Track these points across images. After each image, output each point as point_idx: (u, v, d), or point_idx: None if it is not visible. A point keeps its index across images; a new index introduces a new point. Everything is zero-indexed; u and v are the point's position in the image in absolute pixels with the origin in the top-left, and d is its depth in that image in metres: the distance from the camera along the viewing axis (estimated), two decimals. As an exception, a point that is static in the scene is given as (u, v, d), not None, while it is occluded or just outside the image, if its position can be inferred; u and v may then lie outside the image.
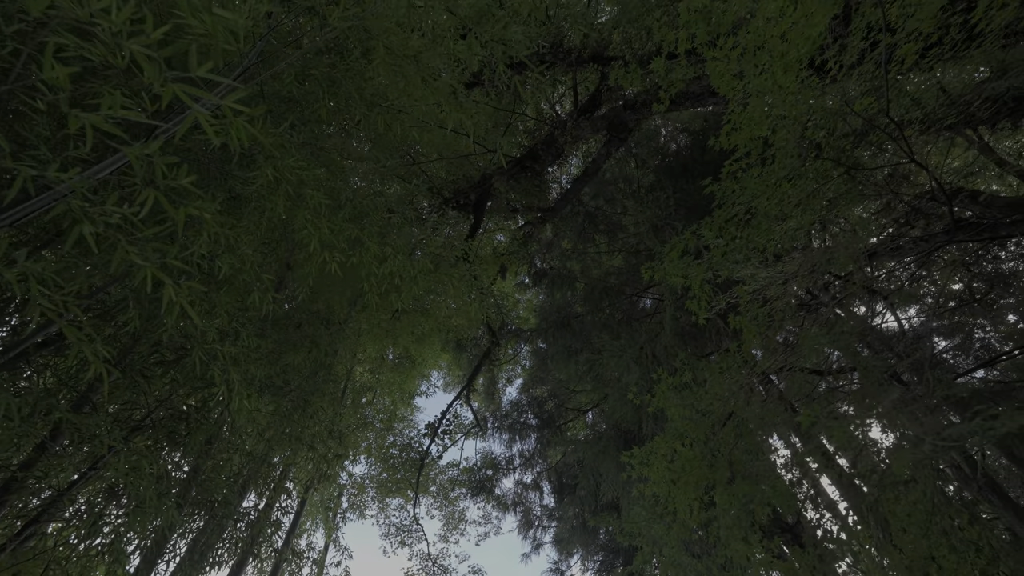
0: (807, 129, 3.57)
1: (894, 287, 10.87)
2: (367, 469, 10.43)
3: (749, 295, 4.14)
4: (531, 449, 11.33)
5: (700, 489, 3.60)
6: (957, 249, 9.60)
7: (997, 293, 8.95)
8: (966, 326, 9.31)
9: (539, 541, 11.18)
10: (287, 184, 2.74)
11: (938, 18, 3.25)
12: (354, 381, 11.46)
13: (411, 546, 9.78)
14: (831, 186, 3.89)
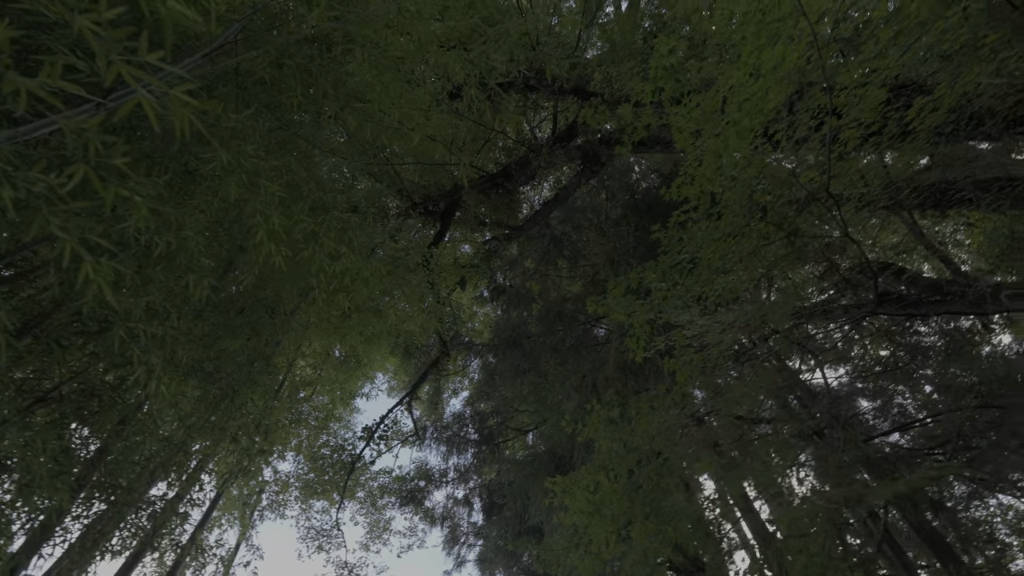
0: (755, 192, 3.81)
1: (827, 346, 11.57)
2: (294, 467, 10.04)
3: (686, 340, 4.32)
4: (467, 464, 11.24)
5: (618, 523, 3.69)
6: (886, 319, 10.33)
7: (917, 364, 9.66)
8: (887, 391, 9.98)
9: (463, 559, 11.03)
10: (242, 171, 2.68)
11: (879, 111, 3.57)
12: (294, 375, 11.08)
13: (328, 551, 9.44)
14: (772, 248, 4.14)
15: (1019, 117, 4.12)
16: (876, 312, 6.23)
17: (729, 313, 3.92)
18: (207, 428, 5.70)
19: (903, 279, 5.95)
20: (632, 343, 3.66)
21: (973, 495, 8.59)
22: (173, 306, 3.31)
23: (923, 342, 9.81)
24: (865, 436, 7.97)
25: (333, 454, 9.95)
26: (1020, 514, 8.44)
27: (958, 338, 9.52)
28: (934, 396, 9.70)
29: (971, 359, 8.76)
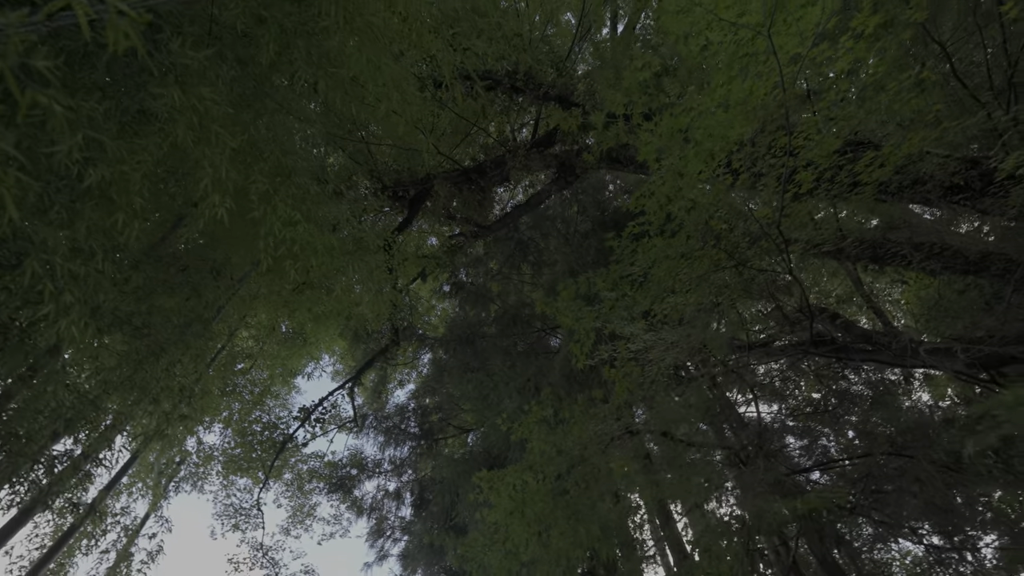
0: (711, 219, 3.94)
1: (766, 382, 12.06)
2: (221, 440, 9.58)
3: (630, 353, 4.40)
4: (403, 457, 11.05)
5: (539, 525, 3.70)
6: (821, 363, 10.89)
7: (843, 409, 10.20)
8: (814, 432, 10.47)
9: (386, 553, 10.81)
10: (195, 113, 2.54)
11: (832, 158, 3.76)
12: (234, 345, 10.62)
13: (245, 531, 9.02)
14: (722, 275, 4.28)
15: (955, 186, 4.44)
16: (811, 353, 6.55)
17: (673, 332, 4.03)
18: (127, 386, 5.35)
19: (838, 324, 6.29)
20: (576, 348, 3.70)
21: (878, 538, 9.12)
22: (101, 247, 3.10)
23: (852, 389, 10.35)
24: (788, 470, 8.36)
25: (264, 431, 9.57)
26: (916, 559, 9.01)
27: (883, 389, 10.08)
28: (855, 441, 10.25)
29: (892, 410, 9.31)
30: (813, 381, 10.80)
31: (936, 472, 5.78)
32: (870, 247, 6.01)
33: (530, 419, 3.97)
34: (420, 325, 12.39)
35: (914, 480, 6.12)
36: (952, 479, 6.28)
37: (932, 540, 8.41)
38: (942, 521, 7.69)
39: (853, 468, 8.93)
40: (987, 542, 7.78)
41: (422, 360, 13.37)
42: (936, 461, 6.54)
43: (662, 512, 6.88)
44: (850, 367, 9.63)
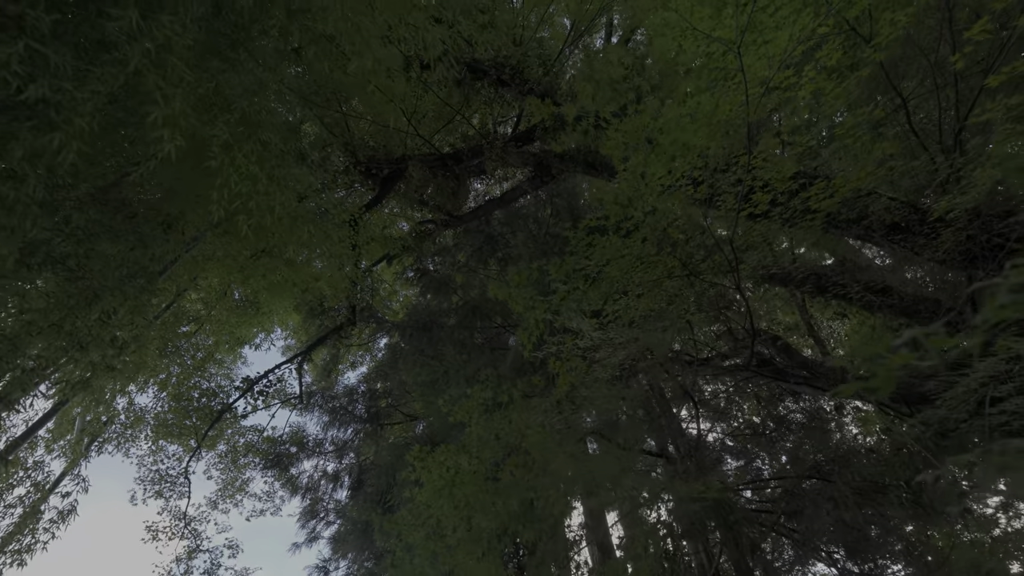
0: (669, 227, 4.05)
1: (711, 401, 12.43)
2: (154, 403, 9.14)
3: (579, 350, 4.47)
4: (346, 439, 10.84)
5: (467, 509, 3.70)
6: (764, 387, 11.32)
7: (780, 435, 10.63)
8: (751, 454, 10.86)
9: (317, 534, 10.57)
10: (151, 40, 2.43)
11: (788, 184, 3.93)
12: (182, 306, 10.18)
13: (168, 499, 8.63)
14: (673, 284, 4.40)
15: (896, 225, 4.72)
16: (754, 372, 6.80)
17: (622, 333, 4.11)
18: (53, 330, 5.04)
19: (779, 346, 6.56)
20: (524, 336, 3.74)
21: (796, 560, 9.57)
22: (34, 171, 2.91)
23: (789, 416, 10.79)
24: (721, 485, 8.66)
25: (202, 398, 9.20)
26: (832, 581, 9.46)
27: (817, 418, 10.54)
28: (788, 466, 10.69)
29: (822, 437, 9.76)
30: (755, 405, 11.22)
31: (851, 496, 6.11)
32: (815, 276, 6.31)
33: (470, 403, 3.98)
34: (380, 309, 12.20)
35: (830, 500, 6.44)
36: (866, 503, 6.66)
37: (846, 565, 8.89)
38: (855, 548, 8.13)
39: (779, 488, 9.33)
40: (895, 571, 8.28)
41: (378, 344, 13.16)
42: (853, 486, 6.92)
43: (593, 514, 7.01)
44: (789, 394, 10.06)
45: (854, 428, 10.43)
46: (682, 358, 7.88)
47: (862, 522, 6.34)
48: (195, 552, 8.67)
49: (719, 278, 4.69)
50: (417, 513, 4.08)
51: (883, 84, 4.71)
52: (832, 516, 6.56)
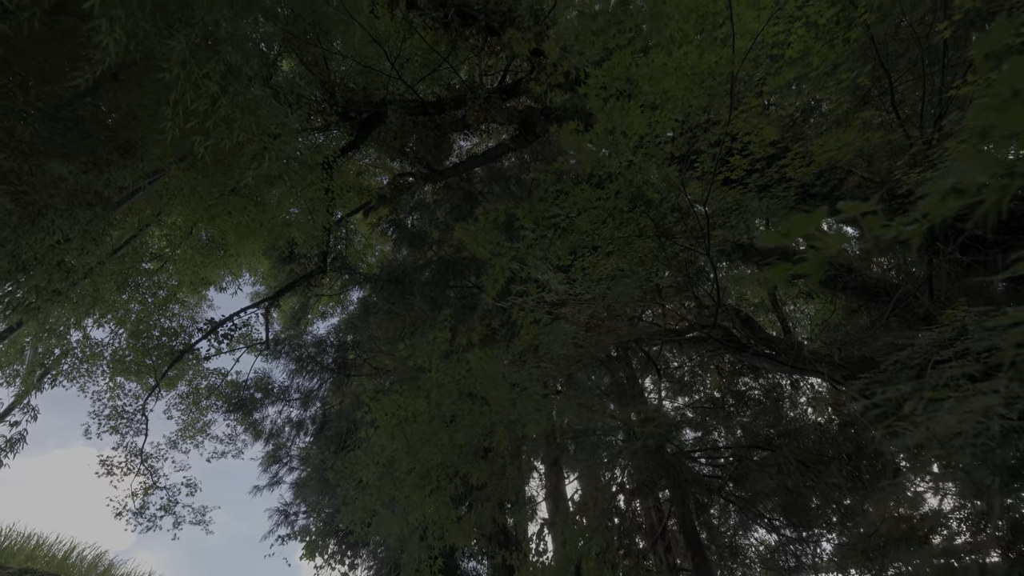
0: (644, 184, 3.99)
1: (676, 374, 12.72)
2: (111, 339, 8.86)
3: (547, 307, 4.44)
4: (313, 388, 10.79)
5: (418, 443, 3.72)
6: (727, 363, 11.63)
7: (737, 410, 11.00)
8: (709, 426, 11.23)
9: (279, 479, 10.63)
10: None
11: (767, 150, 3.89)
12: (143, 241, 9.77)
13: (124, 435, 8.50)
14: (644, 244, 4.37)
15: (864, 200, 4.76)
16: (719, 343, 6.93)
17: (590, 288, 4.10)
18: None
19: (742, 319, 6.68)
20: (489, 282, 3.68)
21: (741, 524, 10.10)
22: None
23: (748, 392, 11.14)
24: (676, 449, 8.99)
25: (162, 336, 8.97)
26: (770, 547, 10.04)
27: (775, 395, 10.91)
28: (742, 440, 11.12)
29: (777, 413, 10.14)
30: (716, 380, 11.56)
31: (795, 463, 6.38)
32: (782, 253, 6.40)
33: (430, 346, 3.93)
34: (355, 262, 11.97)
35: (775, 466, 6.73)
36: (809, 473, 7.00)
37: (784, 531, 9.43)
38: (795, 515, 8.59)
39: (730, 458, 9.73)
40: (829, 538, 8.82)
41: (351, 298, 12.99)
42: (798, 456, 7.25)
43: (553, 470, 7.22)
44: (749, 369, 10.37)
45: (808, 407, 10.86)
46: (650, 328, 7.99)
47: (803, 488, 6.66)
48: (151, 489, 8.63)
49: (690, 243, 4.69)
50: (371, 453, 4.10)
51: (872, 57, 4.65)
52: (776, 481, 6.87)
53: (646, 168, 3.59)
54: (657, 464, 7.06)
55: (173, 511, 8.80)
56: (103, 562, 12.41)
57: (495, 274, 3.63)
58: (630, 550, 6.96)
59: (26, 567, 10.89)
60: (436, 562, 4.23)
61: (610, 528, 6.19)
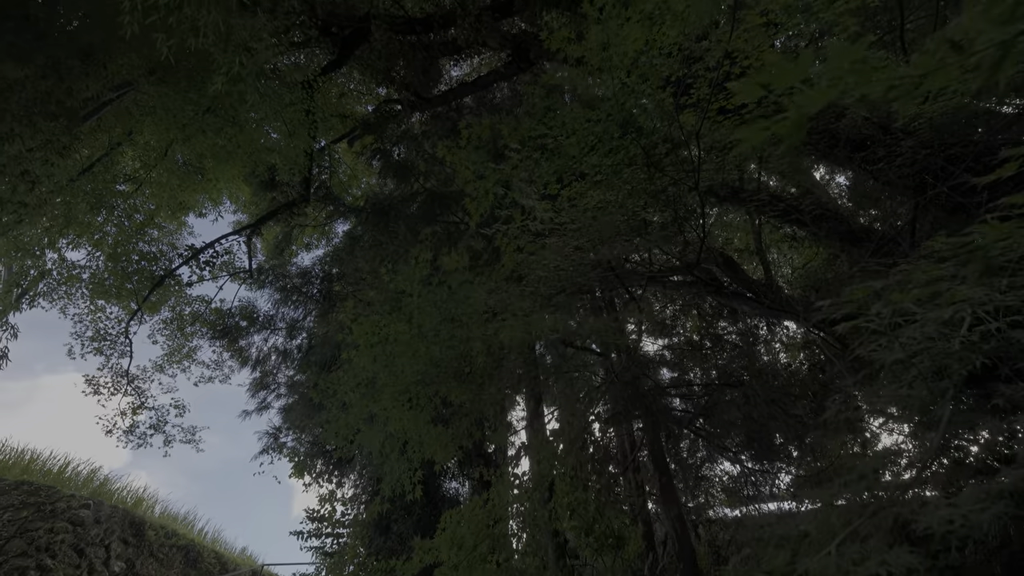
0: (637, 110, 3.84)
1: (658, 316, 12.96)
2: (89, 261, 8.67)
3: (531, 234, 4.40)
4: (297, 317, 10.84)
5: (398, 356, 3.78)
6: (708, 307, 11.86)
7: (715, 352, 11.35)
8: (685, 367, 11.61)
9: (267, 404, 10.91)
10: None
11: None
12: (116, 161, 9.34)
13: (109, 357, 8.55)
14: (633, 174, 4.28)
15: (861, 142, 4.69)
16: (700, 282, 7.01)
17: (573, 215, 4.05)
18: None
19: (725, 260, 6.74)
20: (472, 205, 3.61)
21: (707, 459, 10.75)
22: None
23: (725, 336, 11.46)
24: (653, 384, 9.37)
25: (142, 261, 8.81)
26: (734, 477, 10.74)
27: (751, 339, 11.25)
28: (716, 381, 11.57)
29: (751, 356, 10.50)
30: (696, 323, 11.84)
31: (762, 395, 6.68)
32: (771, 199, 6.37)
33: (411, 270, 3.91)
34: (339, 192, 11.65)
35: (743, 397, 7.05)
36: (775, 409, 7.37)
37: (748, 465, 10.07)
38: (760, 451, 9.14)
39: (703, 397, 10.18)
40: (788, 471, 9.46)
41: (336, 230, 12.77)
42: (765, 393, 7.60)
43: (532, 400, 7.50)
44: (729, 312, 10.62)
45: (781, 352, 11.25)
46: (635, 268, 8.03)
47: (768, 420, 7.02)
48: (140, 409, 8.82)
49: (680, 175, 4.61)
50: (353, 373, 4.19)
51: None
52: (743, 412, 7.22)
53: (640, 91, 3.44)
54: (632, 396, 7.36)
55: (163, 430, 9.05)
56: (98, 477, 12.90)
57: (479, 197, 3.55)
58: (602, 474, 7.39)
59: (22, 479, 11.27)
60: (416, 474, 4.47)
61: (584, 455, 6.53)
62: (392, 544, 7.26)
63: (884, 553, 1.02)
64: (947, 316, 1.44)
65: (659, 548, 8.93)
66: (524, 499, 4.91)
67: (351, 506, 8.75)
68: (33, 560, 9.81)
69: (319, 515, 8.72)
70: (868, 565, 1.04)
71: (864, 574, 1.07)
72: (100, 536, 11.21)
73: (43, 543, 10.08)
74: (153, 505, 13.93)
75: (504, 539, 4.75)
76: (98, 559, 11.05)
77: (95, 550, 11.01)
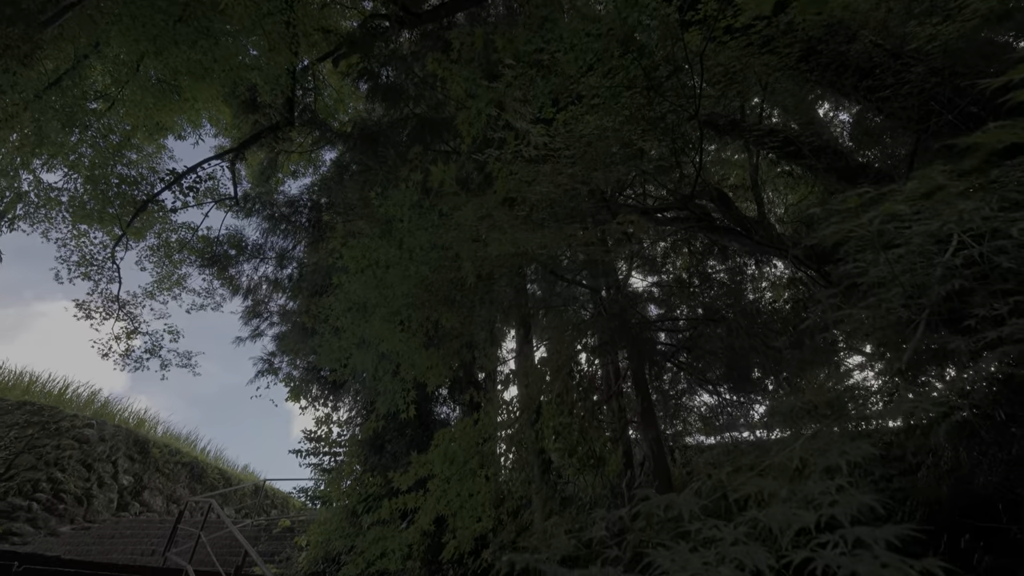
0: (639, 26, 3.62)
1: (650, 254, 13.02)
2: (67, 183, 8.37)
3: (524, 160, 4.29)
4: (288, 248, 10.73)
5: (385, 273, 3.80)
6: (699, 245, 11.91)
7: (702, 290, 11.52)
8: (672, 304, 11.82)
9: (260, 332, 11.04)
10: None
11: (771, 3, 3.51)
12: (84, 76, 8.77)
13: (97, 282, 8.51)
14: (632, 98, 4.12)
15: (869, 70, 4.51)
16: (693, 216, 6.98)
17: (568, 140, 3.94)
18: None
19: (719, 195, 6.67)
20: (463, 125, 3.47)
21: (687, 391, 11.24)
22: None
23: (713, 275, 11.60)
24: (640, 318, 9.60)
25: (122, 185, 8.53)
26: (711, 408, 11.30)
27: (739, 278, 11.40)
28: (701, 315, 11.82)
29: (738, 294, 10.69)
30: (687, 261, 11.93)
31: (743, 326, 6.88)
32: (771, 131, 6.20)
33: (401, 193, 3.82)
34: (325, 116, 11.12)
35: (727, 333, 7.27)
36: (755, 342, 7.63)
37: (726, 396, 10.57)
38: (738, 383, 9.56)
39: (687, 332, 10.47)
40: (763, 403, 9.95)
41: (323, 158, 12.34)
42: (749, 329, 7.84)
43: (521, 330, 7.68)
44: (719, 249, 10.69)
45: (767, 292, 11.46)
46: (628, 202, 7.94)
47: (747, 351, 7.28)
48: (133, 334, 8.91)
49: (681, 102, 4.44)
50: (344, 297, 4.22)
51: None
52: (724, 343, 7.47)
53: (643, 2, 3.23)
54: (619, 328, 7.55)
55: (159, 355, 9.21)
56: (99, 399, 13.29)
57: (471, 118, 3.39)
58: (587, 401, 7.72)
59: (24, 399, 11.59)
60: (409, 394, 4.66)
61: (570, 383, 6.80)
62: (386, 462, 7.69)
63: (845, 445, 1.10)
64: (935, 228, 1.46)
65: (637, 468, 9.55)
66: (512, 424, 5.17)
67: (346, 428, 9.16)
68: (44, 473, 10.31)
69: (316, 436, 9.14)
70: (829, 455, 1.12)
71: (825, 464, 1.16)
72: (106, 453, 11.74)
73: (51, 458, 10.56)
74: (155, 426, 14.51)
75: (492, 456, 5.03)
76: (107, 473, 11.64)
77: (103, 465, 11.58)
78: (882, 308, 1.87)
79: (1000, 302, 1.86)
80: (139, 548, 9.31)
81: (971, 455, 6.27)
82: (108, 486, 11.61)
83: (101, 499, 11.24)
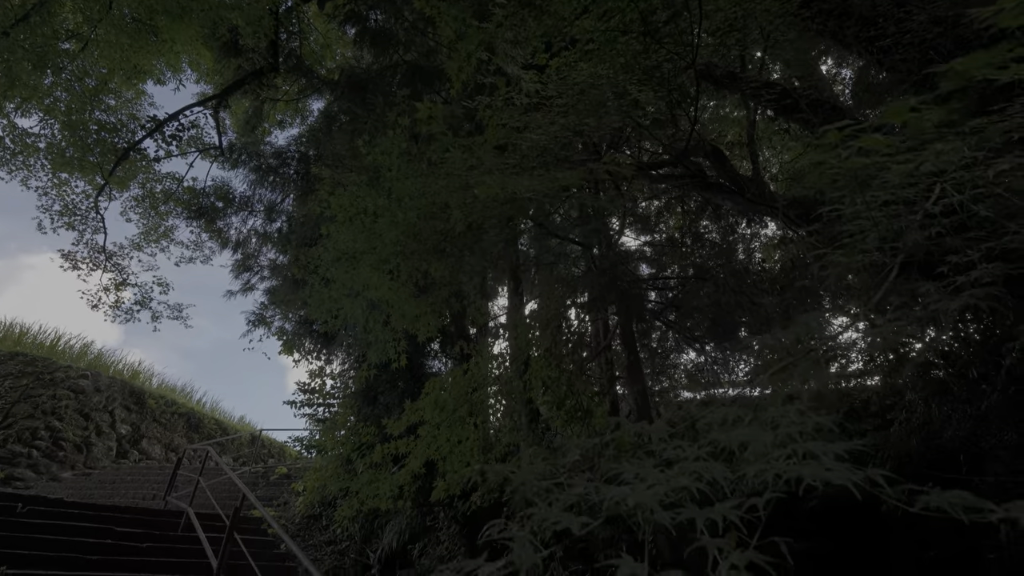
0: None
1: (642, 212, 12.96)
2: (44, 129, 8.06)
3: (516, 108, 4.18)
4: (276, 201, 10.54)
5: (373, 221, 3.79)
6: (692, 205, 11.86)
7: (693, 250, 11.56)
8: (663, 262, 11.87)
9: (252, 286, 11.02)
10: None
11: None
12: (53, 13, 8.28)
13: (82, 233, 8.36)
14: (627, 44, 3.99)
15: (873, 20, 4.38)
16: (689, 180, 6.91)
17: (561, 88, 3.84)
18: None
19: (713, 149, 6.60)
20: (453, 69, 3.36)
21: (675, 348, 11.48)
22: None
23: (706, 236, 11.61)
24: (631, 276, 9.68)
25: (102, 132, 8.25)
26: (698, 365, 11.60)
27: (731, 239, 11.43)
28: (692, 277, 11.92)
29: (729, 254, 10.75)
30: (679, 221, 11.90)
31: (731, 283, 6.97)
32: (767, 84, 6.06)
33: (388, 140, 3.73)
34: (312, 63, 10.66)
35: (715, 289, 7.38)
36: (742, 299, 7.75)
37: (711, 354, 10.82)
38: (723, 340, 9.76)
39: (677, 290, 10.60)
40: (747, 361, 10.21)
41: (311, 108, 11.92)
42: (737, 287, 7.94)
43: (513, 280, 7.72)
44: (712, 209, 10.67)
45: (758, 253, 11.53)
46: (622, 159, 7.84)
47: (733, 307, 7.41)
48: (122, 285, 8.86)
49: (678, 50, 4.31)
50: (333, 247, 4.20)
51: None
52: (711, 299, 7.59)
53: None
54: (609, 285, 7.62)
55: (149, 306, 9.20)
56: (92, 351, 13.35)
57: (460, 60, 3.27)
58: (575, 356, 7.89)
59: (16, 351, 11.62)
60: (400, 343, 4.75)
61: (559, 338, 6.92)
62: (379, 412, 7.89)
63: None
64: (913, 168, 1.48)
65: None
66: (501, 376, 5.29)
67: (339, 380, 9.33)
68: (41, 422, 10.49)
69: (310, 388, 9.32)
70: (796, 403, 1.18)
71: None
72: (103, 403, 11.92)
73: (48, 408, 10.71)
74: (150, 378, 14.67)
75: (482, 405, 5.18)
76: (104, 423, 11.86)
77: (100, 415, 11.78)
78: (858, 251, 1.91)
79: (973, 249, 1.91)
80: (140, 493, 9.63)
81: (942, 411, 6.53)
82: (106, 435, 11.86)
83: (100, 447, 11.50)
